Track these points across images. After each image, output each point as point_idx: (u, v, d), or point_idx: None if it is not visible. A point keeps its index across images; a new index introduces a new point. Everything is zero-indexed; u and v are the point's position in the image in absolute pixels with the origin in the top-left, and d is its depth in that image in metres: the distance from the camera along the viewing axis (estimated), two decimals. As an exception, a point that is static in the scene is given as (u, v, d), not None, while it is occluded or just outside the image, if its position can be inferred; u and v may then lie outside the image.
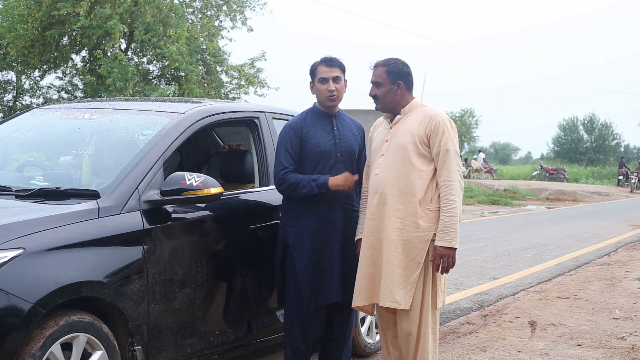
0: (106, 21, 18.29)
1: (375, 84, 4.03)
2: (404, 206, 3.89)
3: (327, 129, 4.22)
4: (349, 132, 4.29)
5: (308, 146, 4.14)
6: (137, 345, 3.50)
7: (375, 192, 3.99)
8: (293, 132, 4.16)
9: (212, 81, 20.42)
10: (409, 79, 4.05)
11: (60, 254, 3.21)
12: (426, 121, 3.93)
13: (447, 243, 3.82)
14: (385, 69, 4.01)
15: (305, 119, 4.23)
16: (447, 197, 3.85)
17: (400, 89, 4.01)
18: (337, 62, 4.20)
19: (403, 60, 4.09)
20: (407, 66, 4.07)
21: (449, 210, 3.84)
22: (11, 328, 2.97)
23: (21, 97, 23.43)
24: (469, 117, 65.95)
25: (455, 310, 6.78)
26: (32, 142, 4.67)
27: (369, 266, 3.99)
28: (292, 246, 4.12)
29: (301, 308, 4.13)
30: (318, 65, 4.20)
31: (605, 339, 5.77)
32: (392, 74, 4.00)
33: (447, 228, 3.83)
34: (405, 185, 3.89)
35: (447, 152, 3.88)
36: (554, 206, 24.02)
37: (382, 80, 4.01)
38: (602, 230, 14.80)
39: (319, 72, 4.18)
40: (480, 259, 10.07)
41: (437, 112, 3.98)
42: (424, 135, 3.91)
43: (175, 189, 3.67)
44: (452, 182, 3.86)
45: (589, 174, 47.71)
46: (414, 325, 3.91)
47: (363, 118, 13.89)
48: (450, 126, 3.94)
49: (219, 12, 21.83)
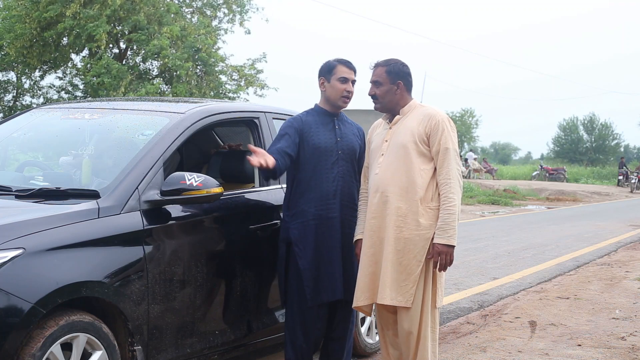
0: (93, 21, 18.26)
1: (375, 84, 4.06)
2: (405, 204, 3.90)
3: (329, 127, 4.23)
4: (350, 132, 4.31)
5: (309, 143, 4.15)
6: (137, 345, 3.50)
7: (376, 191, 3.99)
8: (293, 129, 4.17)
9: (210, 81, 20.41)
10: (409, 80, 4.09)
11: (60, 254, 3.21)
12: (426, 120, 3.96)
13: (445, 240, 3.84)
14: (386, 68, 4.04)
15: (306, 117, 4.24)
16: (446, 195, 3.87)
17: (400, 89, 4.04)
18: (354, 66, 4.28)
19: (403, 61, 4.12)
20: (407, 67, 4.10)
21: (447, 208, 3.86)
22: (11, 328, 2.97)
23: (21, 97, 23.45)
24: (469, 117, 65.94)
25: (455, 310, 6.78)
26: (32, 142, 4.67)
27: (371, 265, 3.99)
28: (295, 242, 4.13)
29: (304, 306, 4.13)
30: (337, 64, 4.22)
31: (605, 339, 5.77)
32: (392, 74, 4.03)
33: (445, 225, 3.85)
34: (407, 183, 3.91)
35: (447, 151, 3.90)
36: (554, 206, 24.03)
37: (382, 80, 4.03)
38: (602, 230, 14.80)
39: (339, 71, 4.20)
40: (480, 259, 10.08)
41: (436, 111, 4.01)
42: (423, 133, 3.93)
43: (175, 189, 3.67)
44: (451, 180, 3.88)
45: (589, 174, 47.74)
46: (414, 324, 3.92)
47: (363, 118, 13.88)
48: (449, 125, 3.97)
49: (216, 12, 21.83)
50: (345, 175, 4.21)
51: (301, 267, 4.11)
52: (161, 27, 19.23)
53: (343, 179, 4.19)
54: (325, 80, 4.25)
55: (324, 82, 4.25)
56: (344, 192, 4.19)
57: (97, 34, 18.14)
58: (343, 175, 4.20)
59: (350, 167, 4.23)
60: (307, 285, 4.11)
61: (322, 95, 4.29)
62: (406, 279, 3.88)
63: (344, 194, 4.19)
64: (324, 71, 4.26)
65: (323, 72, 4.26)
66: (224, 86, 21.02)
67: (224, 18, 22.19)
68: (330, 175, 4.16)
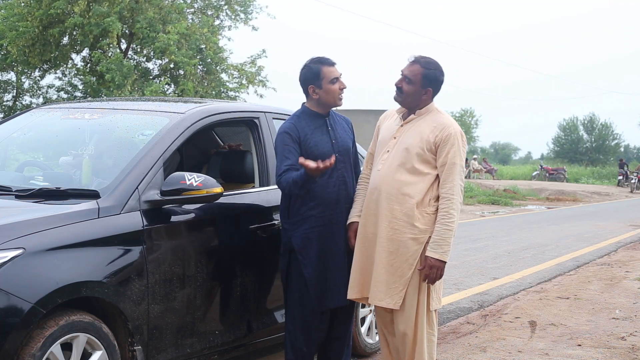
0: (104, 18, 18.31)
1: (406, 79, 3.94)
2: (401, 207, 3.87)
3: (323, 130, 4.16)
4: (342, 129, 4.26)
5: (307, 150, 4.06)
6: (137, 345, 3.50)
7: (375, 189, 3.97)
8: (289, 136, 4.06)
9: (211, 80, 20.43)
10: (439, 88, 3.99)
11: (60, 254, 3.21)
12: (438, 129, 3.88)
13: (438, 255, 3.80)
14: (423, 71, 3.91)
15: (298, 122, 4.13)
16: (447, 211, 3.83)
17: (427, 95, 3.95)
18: (334, 60, 4.16)
19: (441, 67, 3.98)
20: (443, 75, 3.98)
21: (446, 224, 3.82)
22: (11, 328, 2.97)
23: (21, 97, 23.47)
24: (469, 117, 65.93)
25: (455, 310, 6.78)
26: (32, 142, 4.67)
27: (362, 260, 3.99)
28: (298, 251, 4.06)
29: (306, 312, 4.10)
30: (321, 67, 4.10)
31: (605, 339, 5.76)
32: (426, 79, 3.92)
33: (441, 240, 3.81)
34: (405, 186, 3.88)
35: (454, 166, 3.85)
36: (554, 206, 24.03)
37: (415, 79, 3.92)
38: (602, 230, 14.80)
39: (327, 73, 4.09)
40: (480, 259, 10.08)
41: (450, 122, 3.93)
42: (432, 142, 3.87)
43: (175, 189, 3.67)
44: (454, 197, 3.84)
45: (589, 174, 47.75)
46: (409, 325, 3.91)
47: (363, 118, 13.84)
48: (461, 140, 3.90)
49: (218, 12, 21.84)
50: (345, 178, 4.16)
51: (306, 275, 4.05)
52: (165, 26, 19.25)
53: (344, 181, 4.14)
54: (315, 87, 4.10)
55: (314, 89, 4.11)
56: (347, 195, 4.15)
57: (114, 29, 18.14)
58: (343, 177, 4.15)
59: (349, 166, 4.20)
60: (312, 292, 4.06)
61: (313, 101, 4.16)
62: (396, 281, 3.86)
63: (347, 197, 4.15)
64: (310, 79, 4.11)
65: (309, 79, 4.12)
66: (225, 85, 21.03)
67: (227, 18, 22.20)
68: (330, 181, 4.09)
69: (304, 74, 4.14)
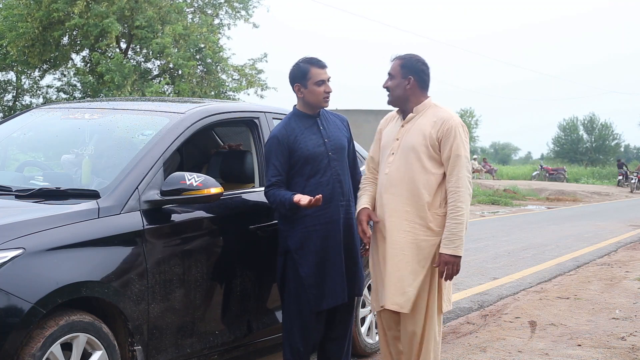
0: (102, 19, 18.29)
1: (389, 76, 3.98)
2: (413, 208, 3.85)
3: (314, 130, 4.16)
4: (335, 128, 4.25)
5: (297, 152, 4.07)
6: (137, 345, 3.50)
7: (385, 192, 3.95)
8: (277, 141, 4.08)
9: (211, 81, 20.41)
10: (423, 77, 3.96)
11: (60, 254, 3.21)
12: (439, 124, 3.87)
13: (452, 251, 3.79)
14: (400, 62, 3.95)
15: (288, 125, 4.14)
16: (455, 204, 3.81)
17: (411, 85, 3.93)
18: (325, 63, 4.17)
19: (421, 58, 4.00)
20: (422, 63, 3.98)
21: (456, 218, 3.80)
22: (11, 328, 2.97)
23: (21, 97, 23.46)
24: (468, 117, 65.91)
25: (455, 310, 6.78)
26: (32, 142, 4.67)
27: (376, 265, 3.99)
28: (294, 250, 4.07)
29: (303, 311, 4.10)
30: (310, 67, 4.11)
31: (605, 339, 5.76)
32: (405, 68, 3.93)
33: (452, 236, 3.79)
34: (415, 187, 3.85)
35: (458, 158, 3.83)
36: (554, 206, 24.02)
37: (395, 73, 3.95)
38: (602, 230, 14.80)
39: (314, 75, 4.11)
40: (480, 259, 10.08)
41: (450, 115, 3.91)
42: (435, 138, 3.85)
43: (175, 189, 3.67)
44: (461, 189, 3.82)
45: (589, 174, 47.75)
46: (419, 325, 3.90)
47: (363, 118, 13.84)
48: (462, 131, 3.88)
49: (218, 10, 21.83)
50: (340, 176, 4.15)
51: (302, 274, 4.05)
52: (164, 26, 19.24)
53: (338, 180, 4.14)
54: (301, 86, 4.13)
55: (300, 88, 4.13)
56: (342, 192, 4.15)
57: (112, 30, 18.13)
58: (338, 176, 4.14)
59: (343, 164, 4.19)
60: (310, 292, 4.07)
61: (300, 101, 4.19)
62: (410, 284, 3.84)
63: (342, 194, 4.15)
64: (297, 77, 4.14)
65: (297, 78, 4.14)
66: (224, 85, 21.02)
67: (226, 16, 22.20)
68: (324, 180, 4.09)
69: (292, 71, 4.18)
